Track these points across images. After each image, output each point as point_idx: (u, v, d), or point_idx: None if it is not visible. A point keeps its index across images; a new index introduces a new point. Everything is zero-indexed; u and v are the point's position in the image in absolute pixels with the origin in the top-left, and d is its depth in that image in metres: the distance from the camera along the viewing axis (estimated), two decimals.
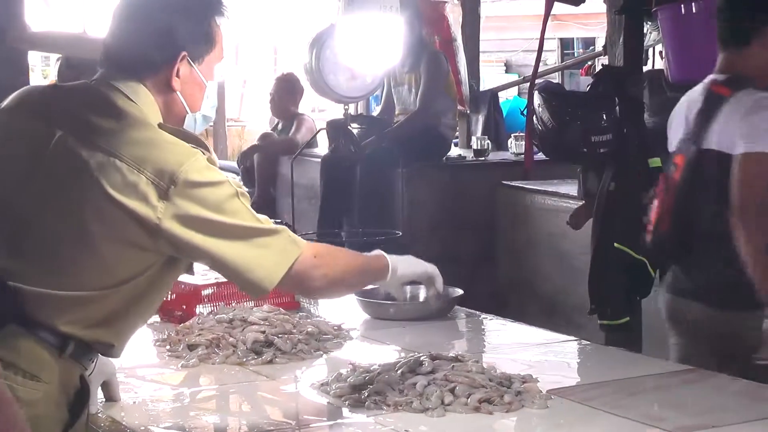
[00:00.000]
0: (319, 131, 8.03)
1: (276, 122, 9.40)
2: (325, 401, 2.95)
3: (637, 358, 3.72)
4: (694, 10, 4.79)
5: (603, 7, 5.93)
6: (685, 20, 4.77)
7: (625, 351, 3.85)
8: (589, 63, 12.67)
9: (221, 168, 2.55)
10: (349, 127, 7.46)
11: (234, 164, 10.51)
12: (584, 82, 12.69)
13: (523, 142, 7.25)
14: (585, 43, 18.33)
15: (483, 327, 3.93)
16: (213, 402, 3.11)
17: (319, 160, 7.69)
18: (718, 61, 3.90)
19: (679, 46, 4.79)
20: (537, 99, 4.93)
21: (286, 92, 8.95)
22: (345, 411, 2.85)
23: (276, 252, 2.53)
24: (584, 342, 3.70)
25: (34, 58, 12.84)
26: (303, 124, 8.81)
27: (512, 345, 3.62)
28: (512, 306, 6.13)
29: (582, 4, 5.34)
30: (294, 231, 4.56)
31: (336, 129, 7.49)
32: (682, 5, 4.72)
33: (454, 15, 8.38)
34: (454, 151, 8.07)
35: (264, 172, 8.75)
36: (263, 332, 3.41)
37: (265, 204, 8.33)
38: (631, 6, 4.85)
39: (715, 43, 4.73)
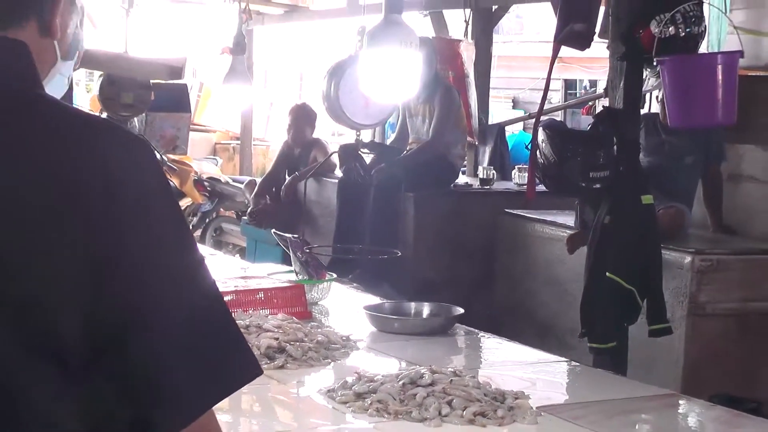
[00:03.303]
0: (331, 154, 8.03)
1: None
2: (330, 406, 2.94)
3: (622, 381, 3.71)
4: (695, 62, 4.80)
5: (606, 52, 5.92)
6: (686, 71, 4.77)
7: (612, 374, 3.85)
8: (590, 103, 12.65)
9: (239, 182, 2.41)
10: (359, 152, 7.47)
11: (249, 178, 10.47)
12: (585, 121, 12.69)
13: (526, 174, 7.26)
14: (587, 85, 18.32)
15: (480, 344, 3.92)
16: (226, 402, 3.09)
17: (336, 181, 7.70)
18: None
19: (679, 94, 4.79)
20: (541, 135, 4.93)
21: (302, 120, 8.90)
22: (348, 416, 2.85)
23: None
24: (574, 363, 3.68)
25: (78, 73, 12.91)
26: (323, 147, 8.78)
27: (507, 363, 3.61)
28: (508, 326, 6.10)
29: (587, 49, 5.33)
30: (307, 244, 4.57)
31: (347, 153, 7.52)
32: (685, 57, 4.73)
33: (467, 53, 8.38)
34: (462, 179, 8.06)
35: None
36: (276, 339, 3.40)
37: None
38: (632, 53, 4.85)
39: (713, 92, 4.74)
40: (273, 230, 4.84)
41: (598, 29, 5.33)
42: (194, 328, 1.26)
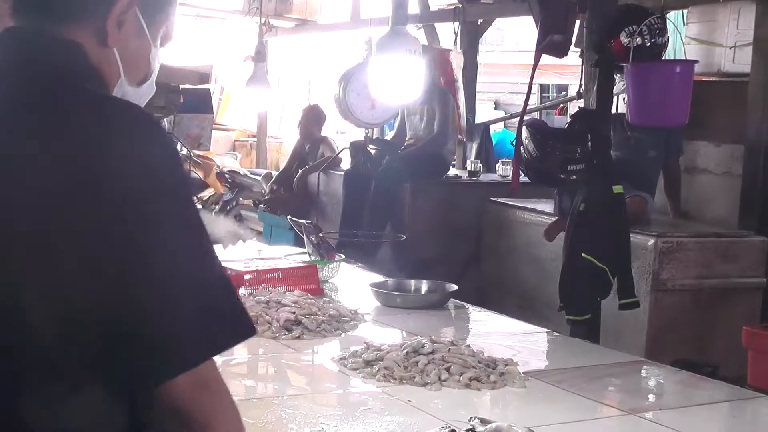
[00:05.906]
0: (342, 150, 7.98)
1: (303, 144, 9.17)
2: (342, 372, 2.91)
3: (597, 349, 3.69)
4: (654, 69, 4.78)
5: (576, 60, 5.89)
6: (647, 77, 4.74)
7: (587, 342, 3.82)
8: (562, 105, 12.63)
9: (256, 175, 2.39)
10: (367, 147, 7.45)
11: (265, 171, 10.47)
12: (557, 120, 12.64)
13: (509, 167, 7.22)
14: (558, 89, 18.25)
15: (472, 317, 3.89)
16: (246, 368, 3.07)
17: (342, 173, 7.66)
18: None
19: (640, 96, 4.77)
20: (524, 132, 4.89)
21: (312, 120, 8.84)
22: (358, 381, 2.82)
23: None
24: (554, 333, 3.66)
25: None
26: (330, 144, 8.74)
27: (496, 333, 3.58)
28: (493, 300, 6.07)
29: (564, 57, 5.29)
30: (320, 231, 4.53)
31: (356, 148, 7.49)
32: (646, 65, 4.72)
33: (457, 61, 8.32)
34: (452, 172, 8.01)
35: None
36: (293, 313, 3.37)
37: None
38: (604, 61, 4.82)
39: (671, 96, 4.71)
40: (288, 216, 4.80)
41: (574, 40, 5.30)
42: (197, 290, 1.26)
